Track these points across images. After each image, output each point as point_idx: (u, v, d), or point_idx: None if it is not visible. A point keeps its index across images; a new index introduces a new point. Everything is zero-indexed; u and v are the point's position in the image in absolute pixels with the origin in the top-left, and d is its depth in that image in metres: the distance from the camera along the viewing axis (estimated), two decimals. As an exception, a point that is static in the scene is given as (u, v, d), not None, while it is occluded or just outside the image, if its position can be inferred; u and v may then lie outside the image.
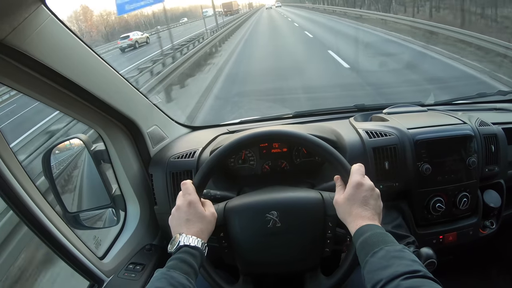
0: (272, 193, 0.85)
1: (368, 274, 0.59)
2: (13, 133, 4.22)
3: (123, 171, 1.06)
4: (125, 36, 16.90)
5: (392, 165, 1.06)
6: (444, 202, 1.07)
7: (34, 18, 0.67)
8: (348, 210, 0.70)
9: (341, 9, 20.74)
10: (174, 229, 0.73)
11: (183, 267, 0.64)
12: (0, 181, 0.71)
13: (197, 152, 1.11)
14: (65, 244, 0.84)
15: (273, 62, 8.85)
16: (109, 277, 0.97)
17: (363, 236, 0.64)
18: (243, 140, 0.81)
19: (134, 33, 17.41)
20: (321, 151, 0.79)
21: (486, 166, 1.12)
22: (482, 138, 1.11)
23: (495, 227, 1.17)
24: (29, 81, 0.73)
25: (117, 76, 0.97)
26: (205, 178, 0.79)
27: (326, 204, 0.79)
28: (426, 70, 6.04)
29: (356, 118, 1.31)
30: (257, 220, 0.79)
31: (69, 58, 0.78)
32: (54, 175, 0.98)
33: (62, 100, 0.83)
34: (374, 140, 1.07)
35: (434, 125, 1.10)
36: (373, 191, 0.71)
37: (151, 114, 1.16)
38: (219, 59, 10.24)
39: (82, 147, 1.04)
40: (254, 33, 17.19)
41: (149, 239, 1.15)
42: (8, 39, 0.62)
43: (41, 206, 0.79)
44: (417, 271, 0.55)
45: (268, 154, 1.16)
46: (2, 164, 0.71)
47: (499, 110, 1.41)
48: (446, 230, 1.11)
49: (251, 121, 1.47)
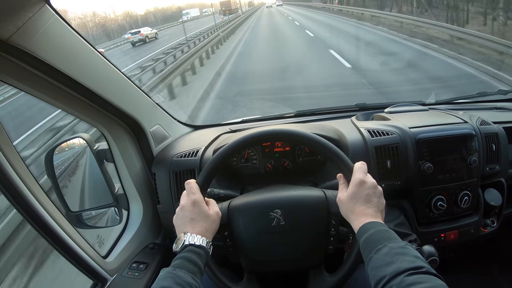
0: (276, 191, 0.86)
1: (372, 270, 0.60)
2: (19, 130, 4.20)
3: (126, 170, 1.06)
4: (137, 31, 17.25)
5: (394, 163, 1.06)
6: (446, 200, 1.08)
7: (38, 18, 0.67)
8: (351, 207, 0.71)
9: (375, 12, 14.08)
10: (178, 228, 0.73)
11: (189, 266, 0.64)
12: (4, 179, 0.71)
13: (199, 151, 1.12)
14: (68, 243, 0.85)
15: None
16: (112, 276, 0.97)
17: (367, 233, 0.65)
18: (247, 139, 0.82)
19: (145, 28, 17.79)
20: (324, 150, 0.80)
21: (487, 165, 1.13)
22: (483, 137, 1.11)
23: (496, 226, 1.18)
24: (33, 80, 0.73)
25: (120, 75, 0.97)
26: (209, 177, 0.79)
27: (329, 202, 0.80)
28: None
29: (358, 117, 1.31)
30: (261, 218, 0.79)
31: (73, 57, 0.78)
32: (56, 174, 0.98)
33: (66, 99, 0.83)
34: (376, 139, 1.08)
35: (436, 124, 1.11)
36: (376, 188, 0.72)
37: (154, 114, 1.16)
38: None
39: (84, 146, 1.05)
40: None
41: (152, 238, 1.15)
42: (12, 38, 0.63)
43: (44, 205, 0.79)
44: (421, 267, 0.56)
45: (270, 153, 1.17)
46: (5, 162, 0.71)
47: (499, 109, 1.42)
48: (447, 228, 1.12)
49: (253, 120, 1.48)
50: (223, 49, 12.06)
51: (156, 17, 28.78)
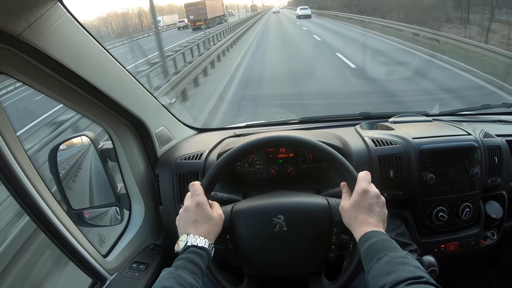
0: (279, 197, 0.86)
1: (372, 279, 0.60)
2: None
3: (130, 170, 1.06)
4: (182, 20, 23.76)
5: (397, 173, 1.06)
6: (447, 211, 1.08)
7: (50, 15, 0.67)
8: (353, 216, 0.71)
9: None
10: (181, 229, 0.73)
11: (190, 267, 0.64)
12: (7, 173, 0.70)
13: (204, 154, 1.12)
14: (70, 240, 0.84)
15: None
16: (112, 275, 0.97)
17: (368, 242, 0.65)
18: (252, 144, 0.82)
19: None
20: (329, 158, 0.80)
21: (489, 178, 1.13)
22: (486, 150, 1.12)
23: (496, 238, 1.18)
24: (42, 76, 0.74)
25: (128, 76, 0.98)
26: (213, 180, 0.79)
27: (332, 210, 0.80)
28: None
29: (362, 126, 1.32)
30: (263, 223, 0.80)
31: (82, 56, 0.79)
32: (60, 171, 0.98)
33: (73, 97, 0.84)
34: (380, 148, 1.08)
35: (439, 135, 1.11)
36: (379, 198, 0.72)
37: (159, 115, 1.17)
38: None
39: (89, 145, 1.05)
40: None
41: (153, 239, 1.15)
42: (23, 35, 0.63)
43: (47, 200, 0.79)
44: (421, 277, 0.56)
45: (274, 158, 1.17)
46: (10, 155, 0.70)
47: (503, 122, 1.42)
48: (448, 239, 1.12)
49: (257, 125, 1.48)
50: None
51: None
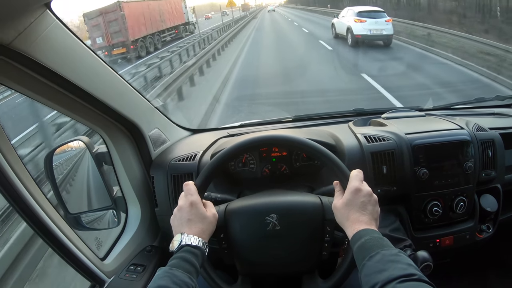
0: (272, 196, 0.87)
1: (365, 277, 0.61)
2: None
3: (125, 173, 1.07)
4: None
5: (390, 169, 1.07)
6: (441, 206, 1.09)
7: (39, 23, 0.68)
8: (346, 214, 0.72)
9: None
10: (175, 228, 0.74)
11: (185, 266, 0.65)
12: (3, 179, 0.71)
13: (198, 155, 1.12)
14: (67, 244, 0.85)
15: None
16: (110, 278, 0.98)
17: (360, 240, 0.66)
18: (245, 143, 0.83)
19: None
20: (321, 157, 0.81)
21: (483, 171, 1.14)
22: (479, 143, 1.12)
23: (491, 231, 1.18)
24: (34, 84, 0.74)
25: (119, 79, 0.98)
26: (207, 180, 0.80)
27: (325, 209, 0.81)
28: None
29: (355, 123, 1.32)
30: (257, 222, 0.80)
31: (73, 62, 0.79)
32: (56, 176, 0.99)
33: (66, 102, 0.84)
34: (373, 145, 1.09)
35: (432, 130, 1.12)
36: (371, 197, 0.73)
37: (153, 117, 1.17)
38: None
39: (84, 149, 1.05)
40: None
41: (150, 240, 1.16)
42: (14, 43, 0.64)
43: (43, 207, 0.80)
44: (412, 274, 0.57)
45: (268, 157, 1.18)
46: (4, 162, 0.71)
47: (497, 115, 1.42)
48: (443, 233, 1.13)
49: (251, 124, 1.49)
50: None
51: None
